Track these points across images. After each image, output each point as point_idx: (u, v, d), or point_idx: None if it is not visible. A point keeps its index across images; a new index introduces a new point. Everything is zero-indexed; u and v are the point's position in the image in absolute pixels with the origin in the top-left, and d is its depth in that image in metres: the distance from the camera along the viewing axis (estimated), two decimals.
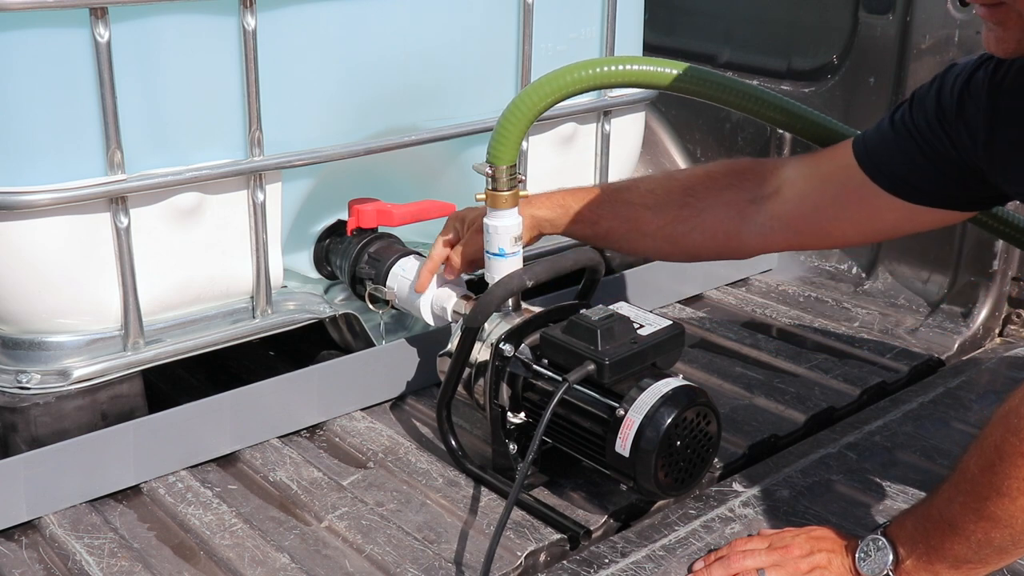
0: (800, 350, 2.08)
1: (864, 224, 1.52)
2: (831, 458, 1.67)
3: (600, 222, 1.68)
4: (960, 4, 2.11)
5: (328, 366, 1.80)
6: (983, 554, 1.19)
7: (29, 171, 1.51)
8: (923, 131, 1.40)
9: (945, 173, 1.40)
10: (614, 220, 1.68)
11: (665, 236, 1.65)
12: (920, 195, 1.44)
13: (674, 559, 1.42)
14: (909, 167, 1.43)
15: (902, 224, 1.50)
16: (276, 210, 1.78)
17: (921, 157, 1.41)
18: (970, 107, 1.33)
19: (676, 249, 1.68)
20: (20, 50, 1.46)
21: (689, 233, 1.63)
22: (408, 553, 1.45)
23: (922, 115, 1.41)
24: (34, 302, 1.61)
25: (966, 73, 1.35)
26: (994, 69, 1.30)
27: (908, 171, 1.43)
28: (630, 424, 1.41)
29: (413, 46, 1.83)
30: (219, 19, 1.59)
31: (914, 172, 1.43)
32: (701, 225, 1.62)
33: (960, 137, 1.36)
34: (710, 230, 1.62)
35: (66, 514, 1.53)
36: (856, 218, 1.51)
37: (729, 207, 1.60)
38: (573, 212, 1.70)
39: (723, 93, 1.64)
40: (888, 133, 1.46)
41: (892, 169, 1.45)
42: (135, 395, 1.69)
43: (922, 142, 1.41)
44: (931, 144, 1.40)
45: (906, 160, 1.43)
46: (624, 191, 1.73)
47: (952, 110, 1.36)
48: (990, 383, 1.95)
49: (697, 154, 2.70)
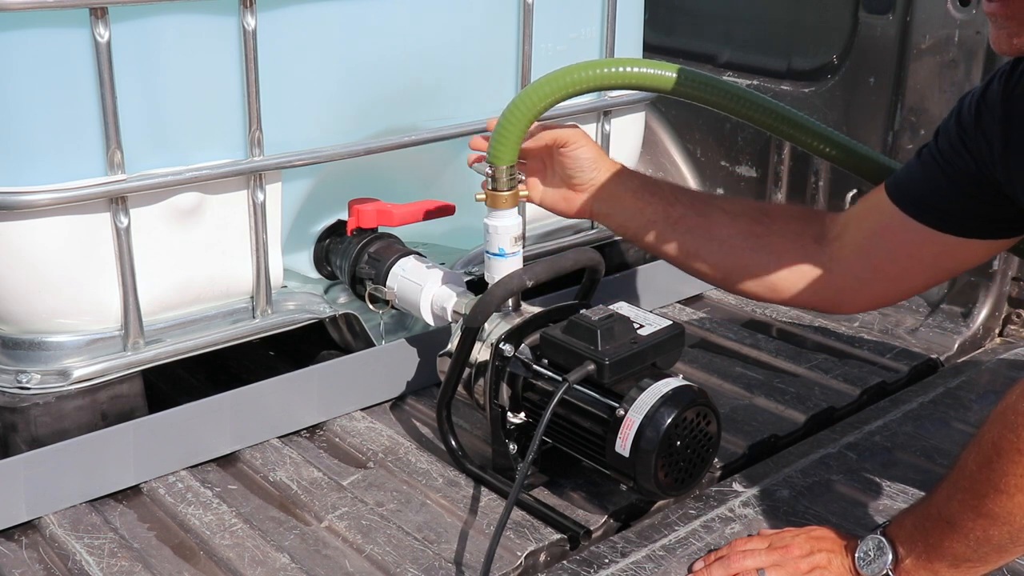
0: (800, 350, 2.08)
1: (904, 263, 1.48)
2: (831, 458, 1.67)
3: (677, 204, 1.61)
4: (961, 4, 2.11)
5: (328, 366, 1.80)
6: (982, 552, 1.19)
7: (29, 171, 1.51)
8: (946, 153, 1.40)
9: (970, 194, 1.38)
10: (690, 209, 1.61)
11: (732, 247, 1.57)
12: (951, 222, 1.42)
13: (674, 559, 1.42)
14: (937, 193, 1.41)
15: (943, 261, 1.46)
16: (276, 210, 1.78)
17: (944, 178, 1.40)
18: (986, 116, 1.33)
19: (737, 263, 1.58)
20: (20, 50, 1.46)
21: (756, 251, 1.56)
22: (408, 553, 1.45)
23: (946, 140, 1.41)
24: (34, 302, 1.61)
25: (981, 87, 1.36)
26: (1007, 78, 1.30)
27: (932, 194, 1.42)
28: (630, 424, 1.41)
29: (413, 46, 1.83)
30: (219, 19, 1.59)
31: (937, 194, 1.41)
32: (770, 246, 1.56)
33: (979, 148, 1.35)
34: (776, 253, 1.56)
35: (66, 514, 1.53)
36: (895, 257, 1.48)
37: (798, 238, 1.56)
38: (657, 184, 1.64)
39: (723, 98, 1.64)
40: (914, 164, 1.46)
41: (920, 198, 1.44)
42: (135, 395, 1.69)
43: (944, 164, 1.40)
44: (953, 164, 1.39)
45: (930, 184, 1.42)
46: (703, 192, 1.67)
47: (971, 123, 1.36)
48: (990, 383, 1.95)
49: (697, 154, 2.70)
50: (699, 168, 2.71)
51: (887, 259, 1.49)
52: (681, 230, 1.60)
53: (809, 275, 1.54)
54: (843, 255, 1.52)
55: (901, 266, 1.49)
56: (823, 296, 1.56)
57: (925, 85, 2.20)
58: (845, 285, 1.53)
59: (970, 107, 1.36)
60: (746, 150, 2.58)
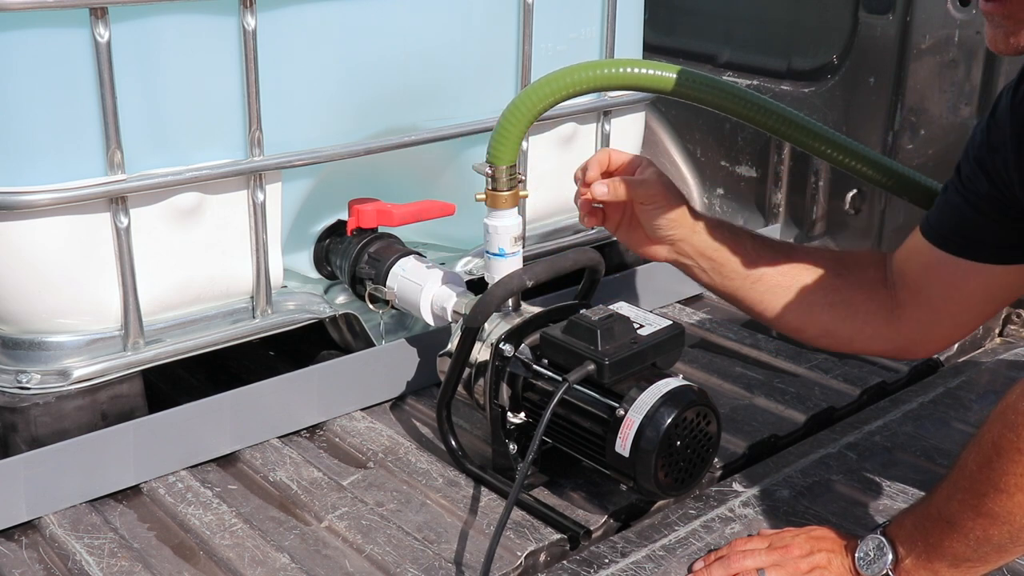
0: (800, 350, 2.07)
1: (955, 299, 1.46)
2: (831, 458, 1.67)
3: (759, 262, 1.57)
4: (961, 4, 2.11)
5: (328, 366, 1.80)
6: (982, 552, 1.19)
7: (29, 171, 1.51)
8: (967, 182, 1.40)
9: (993, 218, 1.38)
10: (771, 266, 1.56)
11: (811, 304, 1.55)
12: (983, 250, 1.41)
13: (674, 559, 1.42)
14: (960, 221, 1.41)
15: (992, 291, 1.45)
16: (276, 210, 1.78)
17: (969, 208, 1.40)
18: (996, 134, 1.33)
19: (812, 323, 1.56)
20: (20, 50, 1.46)
21: (835, 306, 1.54)
22: (408, 553, 1.45)
23: (966, 167, 1.41)
24: (34, 302, 1.61)
25: (991, 107, 1.36)
26: (1014, 91, 1.30)
27: (961, 225, 1.42)
28: (630, 424, 1.41)
29: (413, 46, 1.83)
30: (219, 19, 1.59)
31: (966, 224, 1.41)
32: (848, 300, 1.54)
33: (995, 167, 1.35)
34: (853, 307, 1.54)
35: (66, 514, 1.53)
36: (945, 295, 1.46)
37: (871, 286, 1.54)
38: (739, 239, 1.58)
39: (723, 99, 1.64)
40: (941, 200, 1.46)
41: (948, 230, 1.43)
42: (135, 395, 1.69)
43: (967, 193, 1.40)
44: (973, 191, 1.39)
45: (958, 216, 1.42)
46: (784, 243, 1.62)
47: (983, 144, 1.36)
48: (990, 383, 1.95)
49: (697, 154, 2.70)
50: (699, 168, 2.71)
51: (940, 297, 1.48)
52: (760, 289, 1.57)
53: (883, 326, 1.53)
54: (904, 299, 1.51)
55: (956, 303, 1.47)
56: (897, 345, 1.56)
57: (925, 85, 2.20)
58: (912, 330, 1.52)
59: (982, 129, 1.37)
60: (746, 150, 2.58)
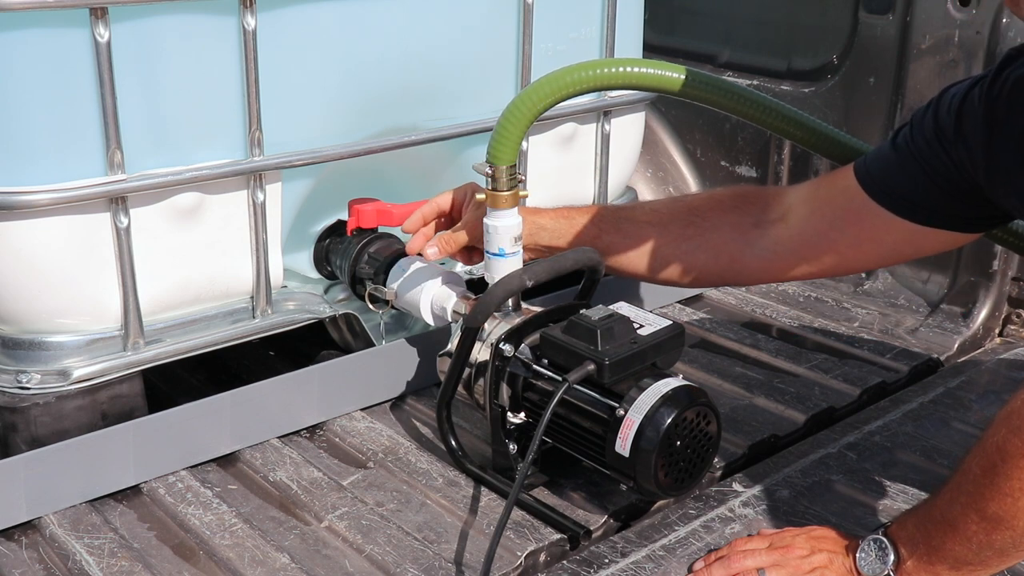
0: (800, 350, 2.08)
1: (865, 247, 1.51)
2: (831, 458, 1.67)
3: (602, 236, 1.66)
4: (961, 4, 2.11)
5: (328, 366, 1.80)
6: (984, 556, 1.19)
7: (29, 171, 1.51)
8: (924, 151, 1.40)
9: (948, 192, 1.39)
10: (616, 235, 1.66)
11: (668, 255, 1.63)
12: (923, 214, 1.43)
13: (674, 559, 1.42)
14: (912, 186, 1.42)
15: (903, 247, 1.50)
16: (276, 210, 1.78)
17: (924, 177, 1.41)
18: (967, 125, 1.33)
19: (677, 271, 1.65)
20: (20, 50, 1.46)
21: (693, 252, 1.62)
22: (408, 553, 1.45)
23: (921, 136, 1.41)
24: (34, 302, 1.61)
25: (961, 93, 1.35)
26: (989, 85, 1.30)
27: (911, 190, 1.43)
28: (630, 424, 1.41)
29: (413, 46, 1.83)
30: (219, 19, 1.59)
31: (917, 191, 1.42)
32: (705, 244, 1.61)
33: (960, 156, 1.35)
34: (714, 250, 1.61)
35: (66, 514, 1.53)
36: (857, 241, 1.50)
37: (734, 229, 1.59)
38: (575, 224, 1.68)
39: (724, 98, 1.64)
40: (890, 154, 1.46)
41: (894, 188, 1.45)
42: (135, 395, 1.69)
43: (923, 162, 1.40)
44: (932, 164, 1.39)
45: (909, 180, 1.43)
46: (628, 209, 1.72)
47: (950, 129, 1.36)
48: (990, 383, 1.95)
49: (697, 154, 2.70)
50: (699, 168, 2.71)
51: (845, 242, 1.51)
52: (616, 256, 1.66)
53: (753, 261, 1.59)
54: (787, 236, 1.55)
55: (860, 249, 1.52)
56: (771, 274, 1.65)
57: (925, 85, 2.20)
58: (790, 263, 1.58)
59: (949, 111, 1.36)
60: (746, 150, 2.58)
